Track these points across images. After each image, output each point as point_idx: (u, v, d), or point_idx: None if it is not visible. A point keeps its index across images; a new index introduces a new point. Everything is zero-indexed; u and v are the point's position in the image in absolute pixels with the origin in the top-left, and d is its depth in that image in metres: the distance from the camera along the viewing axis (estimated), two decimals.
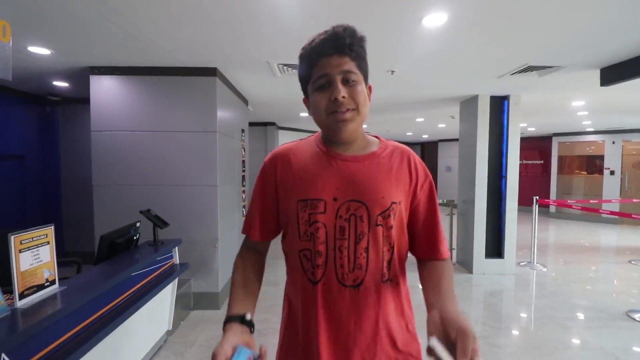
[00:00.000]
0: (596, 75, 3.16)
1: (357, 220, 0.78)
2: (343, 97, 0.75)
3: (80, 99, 4.19)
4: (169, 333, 2.62)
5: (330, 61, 0.76)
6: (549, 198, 8.82)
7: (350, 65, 0.77)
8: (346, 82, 0.76)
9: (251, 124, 6.53)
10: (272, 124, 6.85)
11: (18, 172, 4.08)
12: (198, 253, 3.12)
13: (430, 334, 0.64)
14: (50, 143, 4.41)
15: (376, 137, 0.91)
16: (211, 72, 3.04)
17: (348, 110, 0.77)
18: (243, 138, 4.27)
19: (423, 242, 0.87)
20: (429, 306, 0.74)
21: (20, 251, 1.35)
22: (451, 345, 0.60)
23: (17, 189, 4.06)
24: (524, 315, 3.20)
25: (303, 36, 0.84)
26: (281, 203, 0.86)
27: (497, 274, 4.25)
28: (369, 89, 0.84)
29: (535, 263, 4.59)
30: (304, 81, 0.83)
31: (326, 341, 0.79)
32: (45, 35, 2.35)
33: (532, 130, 8.26)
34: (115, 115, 3.04)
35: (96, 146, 3.05)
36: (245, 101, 4.42)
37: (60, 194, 4.51)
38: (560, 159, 9.00)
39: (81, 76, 3.20)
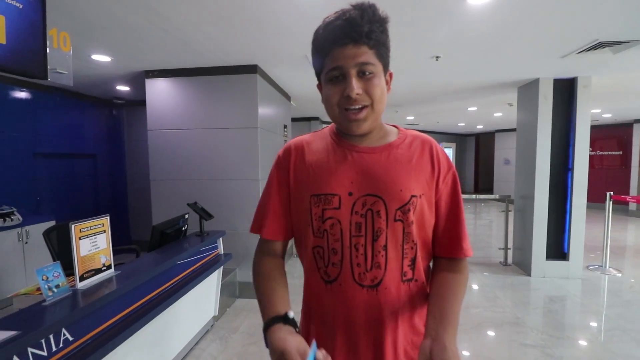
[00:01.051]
0: None
1: (374, 216, 0.73)
2: (358, 94, 0.69)
3: (140, 101, 4.59)
4: (215, 318, 2.78)
5: (345, 52, 0.68)
6: (628, 194, 7.74)
7: (367, 55, 0.69)
8: (362, 74, 0.70)
9: (295, 119, 6.64)
10: (316, 118, 6.89)
11: (91, 169, 4.60)
12: (242, 244, 3.25)
13: None
14: (117, 142, 4.91)
15: (395, 126, 0.85)
16: (252, 69, 3.12)
17: (362, 108, 0.71)
18: (285, 133, 4.35)
19: (443, 239, 0.80)
20: (425, 331, 0.69)
21: (80, 238, 1.52)
22: None
23: (90, 184, 4.59)
24: (590, 325, 2.85)
25: None
26: (294, 198, 0.81)
27: (560, 277, 3.84)
28: (390, 76, 0.77)
29: (607, 267, 4.06)
30: (317, 69, 0.77)
31: (342, 345, 0.75)
32: (104, 43, 2.60)
33: (607, 116, 7.28)
34: (167, 114, 3.27)
35: (152, 144, 3.32)
36: (288, 97, 4.49)
37: (126, 187, 5.00)
38: None
39: (138, 80, 3.49)
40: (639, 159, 7.87)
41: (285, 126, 4.32)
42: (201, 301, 2.49)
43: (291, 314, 0.70)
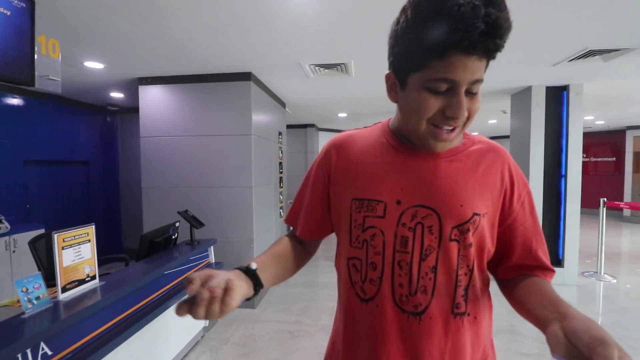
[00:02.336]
0: None
1: (424, 231, 0.62)
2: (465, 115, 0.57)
3: (134, 108, 4.56)
4: (205, 329, 2.72)
5: (467, 63, 0.53)
6: (622, 200, 7.78)
7: (483, 70, 0.56)
8: (470, 91, 0.57)
9: (290, 126, 6.64)
10: (312, 125, 6.89)
11: (83, 176, 4.55)
12: (234, 253, 3.21)
13: (554, 352, 0.47)
14: (110, 149, 4.87)
15: None
16: (246, 76, 3.12)
17: (455, 129, 0.60)
18: (280, 140, 4.34)
19: (522, 265, 0.68)
20: (542, 321, 0.54)
21: (63, 248, 1.48)
22: None
23: (82, 192, 4.54)
24: None
25: (330, 36, 0.74)
26: (333, 200, 0.72)
27: (556, 284, 3.80)
28: None
29: (602, 273, 4.05)
30: (411, 62, 0.58)
31: None
32: (97, 51, 2.58)
33: (601, 123, 7.35)
34: (160, 121, 3.25)
35: (145, 151, 3.29)
36: (283, 104, 4.49)
37: (119, 195, 4.95)
38: (636, 155, 7.89)
39: (132, 86, 3.48)
40: (632, 165, 7.93)
41: (280, 133, 4.31)
42: None
43: (254, 266, 0.63)
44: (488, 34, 0.50)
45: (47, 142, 3.98)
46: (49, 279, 1.54)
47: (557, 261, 3.88)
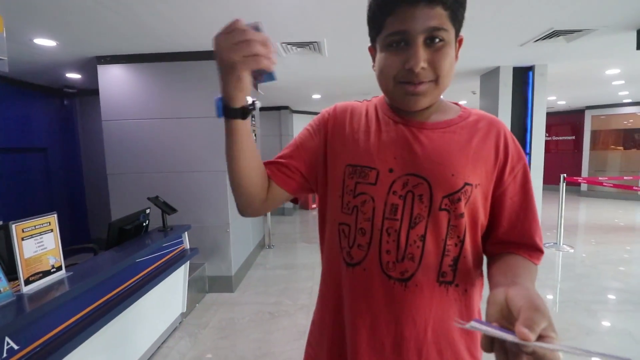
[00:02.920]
0: (632, 38, 2.85)
1: (414, 200, 0.62)
2: (422, 67, 0.57)
3: (94, 90, 4.27)
4: (184, 315, 2.69)
5: (415, 12, 0.55)
6: (580, 175, 8.32)
7: (441, 18, 0.56)
8: (430, 41, 0.57)
9: (264, 109, 6.50)
10: (286, 107, 6.78)
11: (42, 164, 4.26)
12: (210, 238, 3.16)
13: (488, 318, 0.45)
14: (70, 135, 4.57)
15: (456, 104, 0.72)
16: (214, 55, 2.98)
17: (423, 82, 0.59)
18: (253, 122, 4.23)
19: (507, 240, 0.67)
20: (494, 286, 0.55)
21: (22, 239, 1.39)
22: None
23: (42, 181, 4.25)
24: (547, 298, 3.05)
25: (303, 13, 0.72)
26: (329, 163, 0.72)
27: None
28: (459, 42, 0.64)
29: (561, 244, 4.36)
30: (373, 28, 0.63)
31: (363, 340, 0.65)
32: (47, 26, 2.36)
33: (562, 103, 7.73)
34: (123, 104, 3.07)
35: (108, 136, 3.11)
36: (255, 85, 4.36)
37: (82, 183, 4.69)
38: (594, 133, 8.41)
39: (90, 66, 3.24)
40: (589, 143, 8.45)
41: (253, 115, 4.20)
42: (167, 298, 2.40)
43: (258, 104, 0.62)
44: None
45: None
46: (11, 273, 1.44)
47: None
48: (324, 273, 0.75)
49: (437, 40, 0.57)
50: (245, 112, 0.61)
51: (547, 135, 8.79)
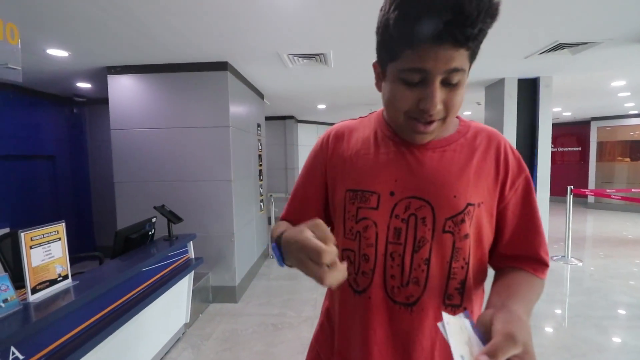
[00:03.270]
0: (638, 50, 2.85)
1: (417, 223, 0.61)
2: (438, 108, 0.56)
3: (103, 99, 4.34)
4: (187, 325, 2.67)
5: (438, 52, 0.51)
6: (586, 187, 8.24)
7: (463, 59, 0.53)
8: (448, 81, 0.54)
9: (269, 118, 6.55)
10: (291, 117, 6.83)
11: (49, 171, 4.31)
12: (215, 247, 3.15)
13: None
14: (78, 143, 4.62)
15: (456, 117, 0.70)
16: (222, 66, 3.02)
17: (434, 121, 0.58)
18: (259, 132, 4.27)
19: (510, 255, 0.67)
20: (487, 305, 0.56)
21: (31, 247, 1.39)
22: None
23: (49, 188, 4.29)
24: (555, 313, 2.99)
25: (309, 25, 0.71)
26: (330, 191, 0.72)
27: None
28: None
29: (569, 257, 4.29)
30: (385, 51, 0.58)
31: None
32: (60, 37, 2.42)
33: (567, 115, 7.71)
34: (132, 113, 3.11)
35: (116, 144, 3.15)
36: (261, 95, 4.40)
37: (89, 191, 4.72)
38: (600, 145, 8.35)
39: (100, 76, 3.30)
40: (596, 155, 8.39)
41: (258, 125, 4.24)
42: (171, 308, 2.39)
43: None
44: (456, 23, 0.48)
45: (9, 136, 3.72)
46: (17, 280, 1.45)
47: None
48: (331, 301, 0.74)
49: (453, 82, 0.55)
50: None
51: (552, 146, 8.76)
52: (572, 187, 4.39)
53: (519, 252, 0.66)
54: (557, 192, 6.06)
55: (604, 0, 2.02)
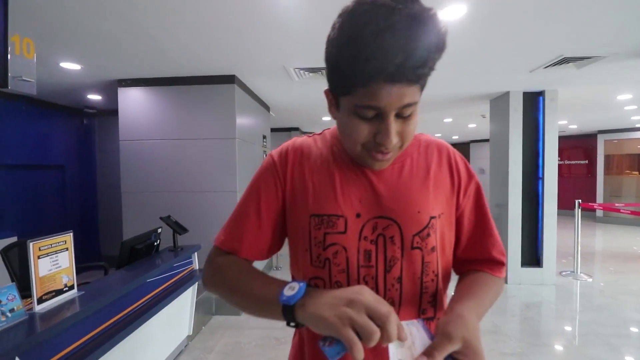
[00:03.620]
0: None
1: (386, 242, 0.61)
2: (394, 141, 0.56)
3: (113, 111, 4.42)
4: (189, 338, 2.65)
5: (391, 91, 0.50)
6: (594, 201, 8.13)
7: (415, 93, 0.53)
8: (401, 114, 0.55)
9: (275, 130, 6.60)
10: (296, 129, 6.88)
11: (59, 181, 4.37)
12: None
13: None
14: (87, 153, 4.70)
15: None
16: (229, 79, 3.08)
17: (390, 152, 0.58)
18: (265, 144, 4.30)
19: (468, 259, 0.69)
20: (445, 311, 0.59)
21: (38, 257, 1.41)
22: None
23: (58, 197, 4.35)
24: (565, 330, 2.92)
25: (315, 40, 0.68)
26: (288, 215, 0.67)
27: (535, 284, 3.93)
28: None
29: (579, 272, 4.21)
30: (337, 85, 0.57)
31: None
32: (73, 51, 2.49)
33: (573, 127, 7.68)
34: (140, 124, 3.17)
35: (124, 155, 3.19)
36: (267, 107, 4.46)
37: (97, 201, 4.77)
38: (607, 158, 8.28)
39: (111, 88, 3.37)
40: (603, 168, 8.31)
41: (264, 137, 4.28)
42: (174, 320, 2.37)
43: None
44: (407, 65, 0.48)
45: (20, 146, 3.80)
46: (24, 290, 1.46)
47: (536, 261, 4.01)
48: (300, 333, 0.69)
49: (407, 113, 0.55)
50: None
51: (559, 159, 8.71)
52: (580, 200, 4.34)
53: (476, 255, 0.68)
54: (564, 205, 5.99)
55: (608, 15, 2.03)
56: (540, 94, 3.92)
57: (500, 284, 0.68)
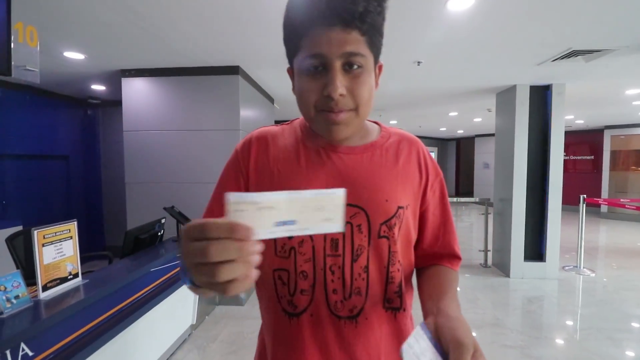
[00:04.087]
0: None
1: (354, 231, 0.60)
2: (341, 94, 0.55)
3: (117, 101, 4.42)
4: (193, 327, 2.68)
5: (330, 36, 0.52)
6: (599, 196, 8.07)
7: (358, 43, 0.54)
8: (349, 67, 0.55)
9: (278, 122, 6.57)
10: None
11: (63, 171, 4.39)
12: None
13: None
14: (91, 144, 4.71)
15: (376, 122, 0.72)
16: (234, 70, 3.06)
17: (343, 111, 0.56)
18: None
19: (433, 253, 0.71)
20: (425, 313, 0.58)
21: (43, 245, 1.42)
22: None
23: (62, 187, 4.38)
24: (567, 324, 2.93)
25: None
26: None
27: (538, 278, 3.93)
28: (379, 68, 0.62)
29: (582, 267, 4.20)
30: (289, 49, 0.60)
31: None
32: (78, 41, 2.48)
33: (580, 122, 7.58)
34: (144, 115, 3.16)
35: (128, 146, 3.20)
36: (271, 99, 4.44)
37: (101, 191, 4.80)
38: (613, 153, 8.19)
39: (115, 79, 3.36)
40: (609, 163, 8.22)
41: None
42: (178, 309, 2.40)
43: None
44: (339, 3, 0.51)
45: (24, 136, 3.81)
46: (29, 277, 1.47)
47: (539, 256, 3.99)
48: (264, 323, 0.68)
49: (355, 66, 0.55)
50: None
51: (565, 154, 8.64)
52: (584, 196, 4.31)
53: (438, 249, 0.70)
54: (568, 200, 5.95)
55: (619, 7, 1.99)
56: (548, 87, 3.86)
57: (457, 277, 0.71)
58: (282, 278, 0.62)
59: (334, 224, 0.41)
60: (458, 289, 0.65)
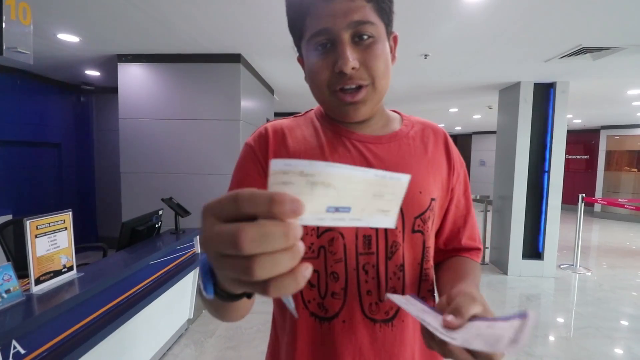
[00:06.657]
0: None
1: None
2: (354, 68, 0.50)
3: (111, 88, 4.29)
4: (190, 322, 2.62)
5: (333, 8, 0.49)
6: (593, 196, 8.14)
7: (364, 11, 0.49)
8: (359, 38, 0.50)
9: (277, 114, 6.48)
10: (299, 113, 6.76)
11: (55, 159, 4.26)
12: None
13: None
14: (84, 131, 4.57)
15: (395, 111, 0.68)
16: (235, 58, 2.96)
17: (361, 87, 0.52)
18: None
19: (452, 246, 0.67)
20: (441, 294, 0.55)
21: (36, 236, 1.34)
22: None
23: (54, 176, 4.25)
24: (564, 322, 2.93)
25: None
26: None
27: (535, 276, 3.94)
28: (394, 40, 0.57)
29: (578, 266, 4.22)
30: (295, 34, 0.57)
31: None
32: (72, 22, 2.36)
33: (577, 122, 7.61)
34: (141, 103, 3.05)
35: (124, 134, 3.09)
36: (271, 90, 4.34)
37: (94, 180, 4.68)
38: (608, 154, 8.25)
39: (110, 64, 3.24)
40: (604, 164, 8.29)
41: (267, 120, 4.17)
42: (175, 304, 2.34)
43: None
44: None
45: (14, 122, 3.67)
46: (19, 269, 1.39)
47: (537, 254, 4.00)
48: (283, 324, 0.60)
49: (365, 36, 0.50)
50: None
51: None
52: (583, 195, 4.32)
53: (460, 242, 0.66)
54: (564, 199, 5.99)
55: (630, 4, 1.94)
56: (551, 85, 3.83)
57: (480, 269, 0.66)
58: (313, 280, 0.55)
59: (389, 217, 0.32)
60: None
